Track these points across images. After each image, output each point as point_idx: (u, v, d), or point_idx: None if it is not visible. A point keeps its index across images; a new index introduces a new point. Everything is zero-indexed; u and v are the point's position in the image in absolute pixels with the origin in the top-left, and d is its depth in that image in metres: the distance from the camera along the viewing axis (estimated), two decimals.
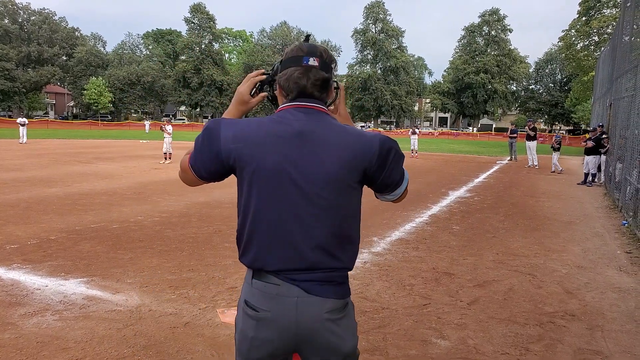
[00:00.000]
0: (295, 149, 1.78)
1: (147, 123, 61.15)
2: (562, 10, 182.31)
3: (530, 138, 22.72)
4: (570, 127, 79.35)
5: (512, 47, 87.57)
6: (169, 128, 20.39)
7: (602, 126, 17.96)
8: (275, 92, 2.00)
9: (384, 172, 1.86)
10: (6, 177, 13.95)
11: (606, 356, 4.09)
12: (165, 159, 20.09)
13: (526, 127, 23.49)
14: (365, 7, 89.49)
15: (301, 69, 1.83)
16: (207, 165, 1.86)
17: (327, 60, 1.87)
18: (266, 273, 1.81)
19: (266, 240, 1.80)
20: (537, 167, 22.08)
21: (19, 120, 31.96)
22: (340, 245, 1.84)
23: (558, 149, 20.19)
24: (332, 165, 1.78)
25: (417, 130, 29.39)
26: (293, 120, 1.82)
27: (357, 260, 5.87)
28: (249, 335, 1.80)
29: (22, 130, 30.01)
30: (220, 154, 1.81)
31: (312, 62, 1.83)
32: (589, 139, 17.34)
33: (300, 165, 1.77)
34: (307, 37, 2.11)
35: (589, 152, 16.77)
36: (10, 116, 73.46)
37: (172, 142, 20.85)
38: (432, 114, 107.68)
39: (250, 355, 1.81)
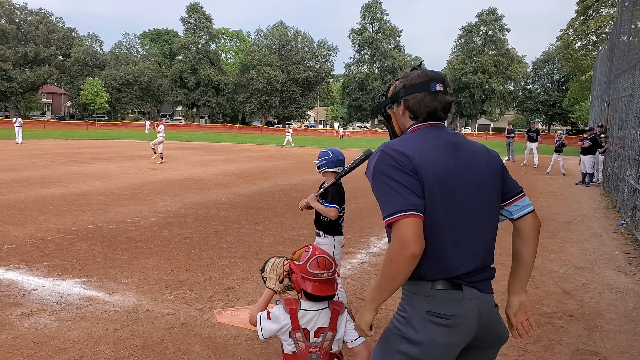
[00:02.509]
0: (455, 157, 1.95)
1: (147, 123, 61.09)
2: (560, 9, 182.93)
3: (531, 139, 22.87)
4: (568, 127, 79.44)
5: (510, 47, 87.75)
6: (159, 128, 20.27)
7: (602, 126, 17.93)
8: (388, 110, 2.21)
9: (506, 174, 2.10)
10: (3, 178, 13.91)
11: (604, 357, 4.08)
12: (160, 158, 19.96)
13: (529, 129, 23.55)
14: (363, 6, 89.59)
15: (431, 94, 2.01)
16: (416, 189, 1.83)
17: (447, 84, 2.07)
18: (446, 281, 1.88)
19: (453, 248, 1.89)
20: (536, 166, 22.16)
21: (14, 120, 31.89)
22: (494, 245, 2.04)
23: (560, 151, 19.88)
24: (490, 171, 2.02)
25: None
26: (439, 134, 2.02)
27: (354, 260, 5.86)
28: (441, 342, 1.84)
29: (18, 131, 29.96)
30: (415, 172, 1.85)
31: (439, 87, 2.03)
32: (586, 138, 17.32)
33: (467, 172, 1.94)
34: (421, 63, 2.33)
35: (585, 151, 16.76)
36: (7, 116, 73.26)
37: (167, 142, 20.75)
38: None
39: None
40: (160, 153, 20.08)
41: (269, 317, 2.48)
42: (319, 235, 4.34)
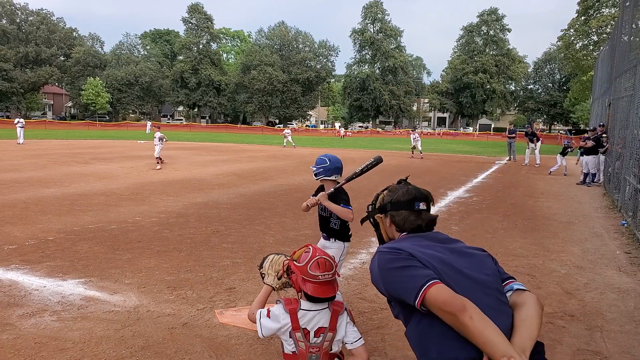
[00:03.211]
0: (446, 248, 2.11)
1: (148, 123, 61.20)
2: (561, 9, 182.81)
3: (530, 140, 23.36)
4: (569, 127, 79.39)
5: (511, 47, 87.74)
6: (157, 134, 19.87)
7: (603, 125, 17.88)
8: (377, 218, 2.45)
9: (497, 263, 2.22)
10: (4, 178, 13.92)
11: (605, 357, 4.08)
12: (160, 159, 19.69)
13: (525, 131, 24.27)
14: (364, 6, 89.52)
15: (415, 213, 2.25)
16: (422, 265, 1.99)
17: (431, 202, 2.32)
18: None
19: None
20: (537, 166, 22.26)
21: (16, 121, 31.94)
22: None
23: (565, 153, 19.77)
24: (482, 254, 2.18)
25: (413, 131, 30.28)
26: (426, 235, 2.22)
27: (355, 260, 5.87)
28: None
29: (19, 131, 29.98)
30: (413, 256, 2.01)
31: (422, 206, 2.26)
32: (588, 138, 17.26)
33: (462, 258, 2.08)
34: (407, 178, 2.54)
35: (588, 152, 16.68)
36: (8, 117, 73.28)
37: (168, 142, 20.70)
38: (431, 114, 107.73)
39: None
40: (159, 157, 19.68)
41: (268, 316, 2.48)
42: (327, 239, 4.30)
